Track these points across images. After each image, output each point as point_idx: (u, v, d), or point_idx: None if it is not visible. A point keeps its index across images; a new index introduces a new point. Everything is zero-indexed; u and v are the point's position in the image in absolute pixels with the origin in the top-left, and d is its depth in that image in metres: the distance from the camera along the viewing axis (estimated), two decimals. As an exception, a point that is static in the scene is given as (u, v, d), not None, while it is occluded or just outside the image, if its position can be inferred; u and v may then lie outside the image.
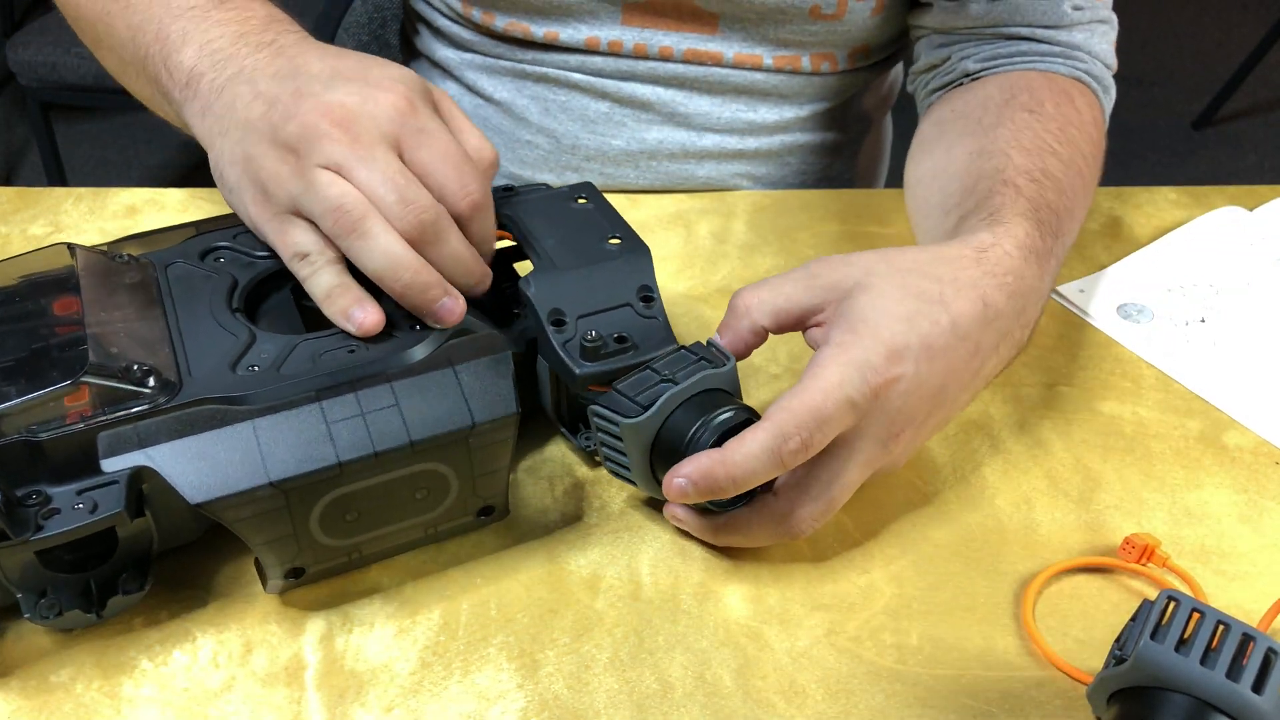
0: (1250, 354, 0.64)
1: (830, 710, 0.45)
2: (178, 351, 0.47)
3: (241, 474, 0.43)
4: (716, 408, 0.48)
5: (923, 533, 0.53)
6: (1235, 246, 0.72)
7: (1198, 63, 2.76)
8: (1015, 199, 0.56)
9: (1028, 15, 0.69)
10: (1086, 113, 0.65)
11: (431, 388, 0.46)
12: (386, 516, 0.47)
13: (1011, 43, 0.69)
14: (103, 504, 0.42)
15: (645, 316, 0.52)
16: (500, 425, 0.46)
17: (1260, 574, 0.51)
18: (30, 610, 0.44)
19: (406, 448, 0.45)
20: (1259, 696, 0.38)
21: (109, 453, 0.43)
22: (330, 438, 0.44)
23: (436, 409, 0.45)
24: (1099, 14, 0.70)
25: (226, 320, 0.49)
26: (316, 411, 0.45)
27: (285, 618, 0.48)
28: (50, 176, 2.02)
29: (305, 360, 0.46)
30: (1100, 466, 0.57)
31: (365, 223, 0.46)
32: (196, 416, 0.44)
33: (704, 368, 0.49)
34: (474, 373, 0.47)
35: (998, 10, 0.69)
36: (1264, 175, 2.39)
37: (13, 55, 1.82)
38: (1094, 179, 0.64)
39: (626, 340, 0.51)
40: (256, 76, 0.50)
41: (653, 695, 0.46)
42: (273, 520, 0.44)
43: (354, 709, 0.45)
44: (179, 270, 0.51)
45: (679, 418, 0.48)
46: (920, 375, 0.47)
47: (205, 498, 0.43)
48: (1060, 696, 0.46)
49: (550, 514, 0.53)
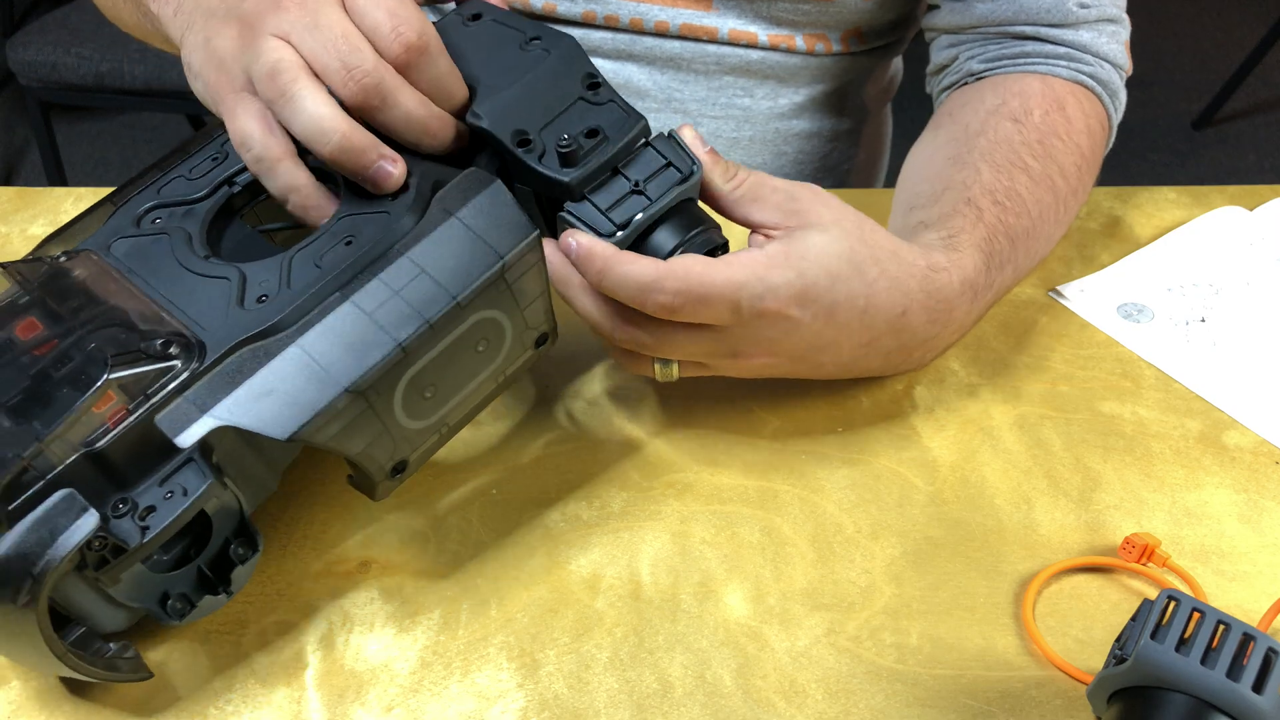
0: (1250, 354, 0.64)
1: (830, 710, 0.45)
2: (177, 316, 0.45)
3: (314, 394, 0.42)
4: (690, 228, 0.50)
5: (923, 533, 0.53)
6: (1235, 246, 0.72)
7: (1198, 63, 2.76)
8: (975, 225, 0.58)
9: (1032, 14, 0.69)
10: (1079, 120, 0.66)
11: (446, 242, 0.45)
12: (460, 380, 0.47)
13: (1017, 43, 0.69)
14: (190, 484, 0.42)
15: (600, 103, 0.51)
16: (527, 250, 0.46)
17: (1260, 574, 0.51)
18: (162, 616, 0.45)
19: (453, 307, 0.44)
20: (1259, 696, 0.38)
21: (175, 430, 0.42)
22: (379, 325, 0.44)
23: (462, 260, 0.45)
24: (1107, 12, 0.69)
25: (204, 268, 0.47)
26: (352, 309, 0.44)
27: (285, 617, 0.48)
28: (50, 176, 2.02)
29: (309, 269, 0.46)
30: (1100, 466, 0.57)
31: (293, 86, 0.46)
32: (239, 363, 0.43)
33: (674, 178, 0.50)
34: (477, 212, 0.46)
35: (1002, 9, 0.69)
36: (1264, 175, 2.38)
37: (13, 55, 1.82)
38: (1075, 189, 0.64)
39: (597, 132, 0.50)
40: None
41: (653, 695, 0.46)
42: (362, 425, 0.44)
43: (354, 709, 0.45)
44: (124, 246, 0.49)
45: (654, 237, 0.50)
46: (807, 327, 0.50)
47: (292, 429, 0.42)
48: (1060, 696, 0.46)
49: (550, 514, 0.53)
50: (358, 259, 0.45)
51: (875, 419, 0.59)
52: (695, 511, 0.53)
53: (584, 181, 0.49)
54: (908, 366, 0.59)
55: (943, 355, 0.62)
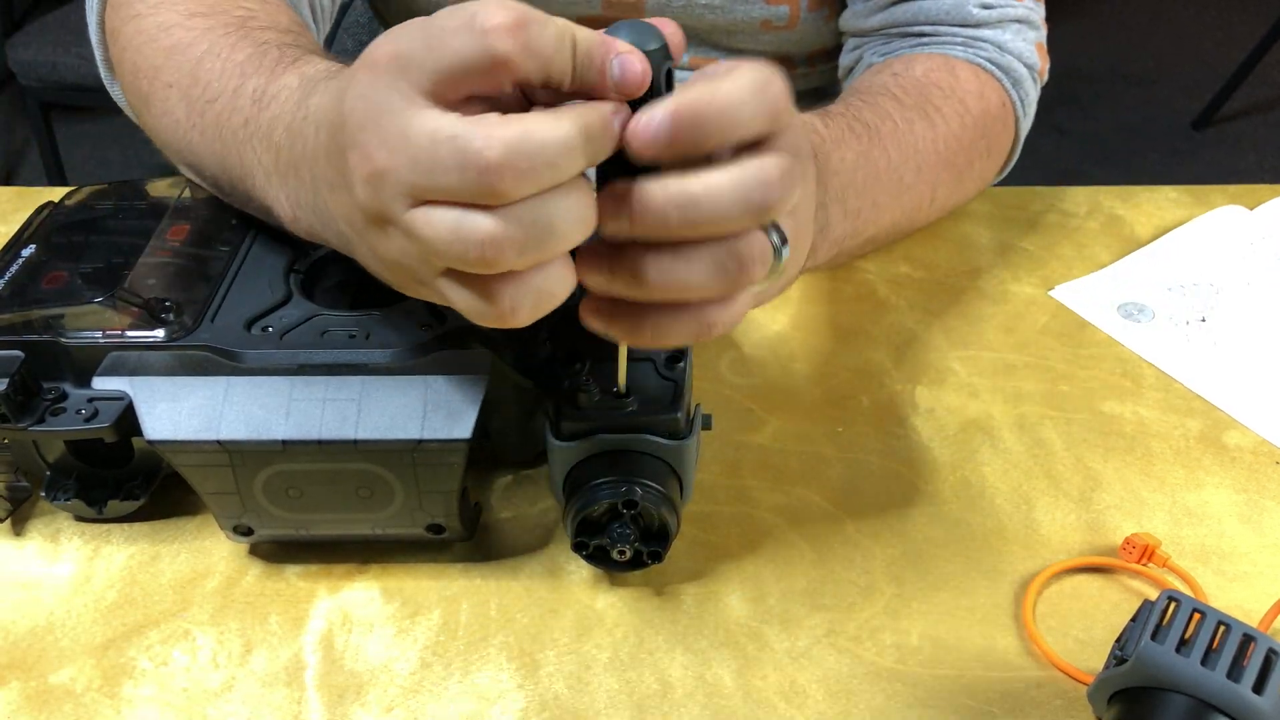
0: (1250, 354, 0.64)
1: (830, 710, 0.45)
2: (218, 296, 0.49)
3: (198, 424, 0.45)
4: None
5: (923, 533, 0.53)
6: (1236, 246, 0.72)
7: (1198, 63, 2.76)
8: (824, 112, 0.56)
9: (932, 14, 0.67)
10: (970, 84, 0.64)
11: (397, 392, 0.45)
12: (331, 505, 0.47)
13: (917, 37, 0.68)
14: (103, 414, 0.46)
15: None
16: (449, 448, 0.45)
17: (1260, 574, 0.51)
18: (46, 489, 0.50)
19: (350, 444, 0.44)
20: (1259, 697, 0.38)
21: (105, 371, 0.47)
22: (286, 414, 0.45)
23: (392, 414, 0.45)
24: (1011, 13, 0.67)
25: (276, 279, 0.50)
26: (286, 386, 0.45)
27: (285, 618, 0.48)
28: (50, 176, 2.02)
29: (311, 334, 0.47)
30: (1100, 466, 0.57)
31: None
32: (191, 360, 0.46)
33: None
34: (442, 388, 0.45)
35: (902, 12, 0.68)
36: (1264, 175, 2.38)
37: (13, 55, 1.82)
38: (959, 136, 0.61)
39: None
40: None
41: (653, 695, 0.46)
42: (218, 475, 0.46)
43: (354, 709, 0.45)
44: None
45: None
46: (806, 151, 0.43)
47: (158, 437, 0.45)
48: (1060, 696, 0.46)
49: (551, 513, 0.53)
50: (341, 355, 0.46)
51: (875, 419, 0.59)
52: (695, 511, 0.53)
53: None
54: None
55: (943, 356, 0.62)
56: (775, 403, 0.60)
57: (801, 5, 0.74)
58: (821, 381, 0.61)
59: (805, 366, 0.63)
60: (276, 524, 0.48)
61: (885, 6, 0.69)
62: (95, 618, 0.49)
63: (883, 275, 0.70)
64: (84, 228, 0.53)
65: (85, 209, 0.55)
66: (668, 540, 0.47)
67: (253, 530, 0.48)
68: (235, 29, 0.52)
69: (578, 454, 0.46)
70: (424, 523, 0.48)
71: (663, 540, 0.47)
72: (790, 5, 0.74)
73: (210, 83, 0.50)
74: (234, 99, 0.48)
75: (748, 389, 0.60)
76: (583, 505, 0.46)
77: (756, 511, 0.54)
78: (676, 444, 0.46)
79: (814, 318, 0.66)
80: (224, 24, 0.52)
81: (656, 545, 0.47)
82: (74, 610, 0.49)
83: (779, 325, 0.66)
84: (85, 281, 0.49)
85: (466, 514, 0.49)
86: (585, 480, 0.46)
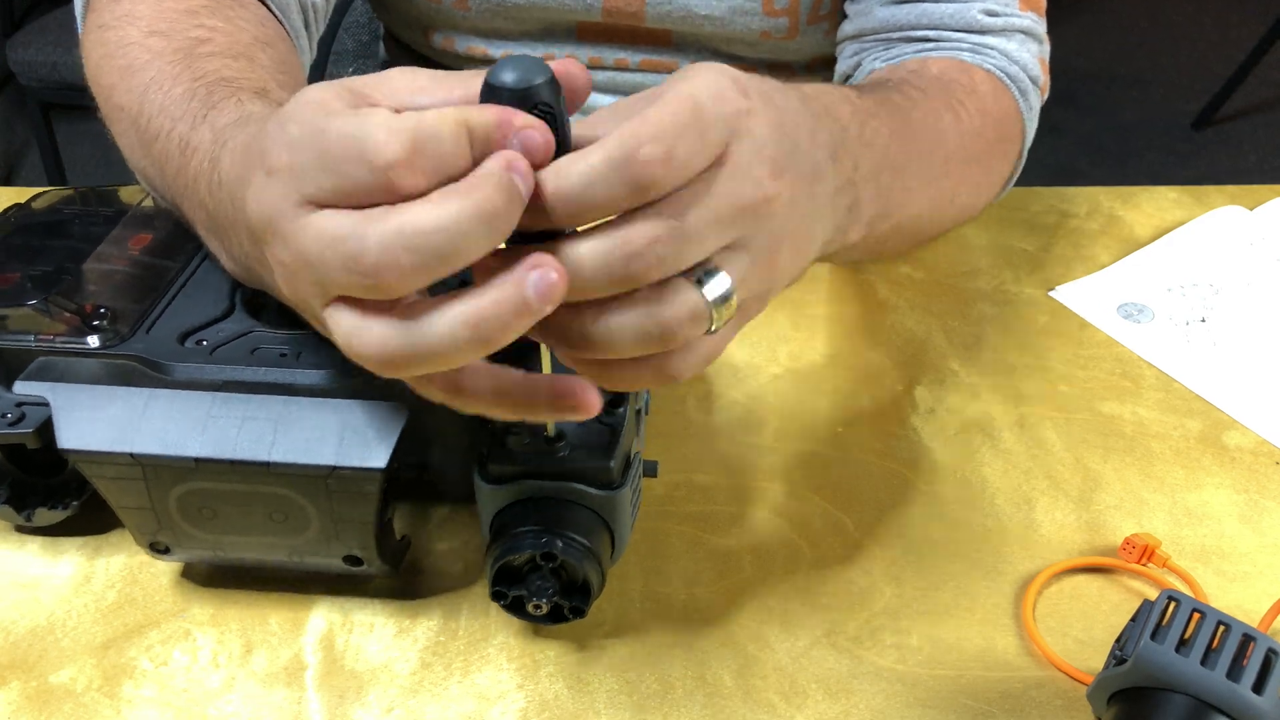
0: (1250, 354, 0.64)
1: (830, 710, 0.45)
2: (160, 305, 0.48)
3: (113, 435, 0.44)
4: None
5: (923, 533, 0.53)
6: (1235, 246, 0.72)
7: (1198, 63, 2.76)
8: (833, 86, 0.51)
9: (935, 19, 0.66)
10: (984, 86, 0.62)
11: (316, 415, 0.44)
12: (247, 527, 0.46)
13: (920, 42, 0.67)
14: (29, 419, 0.46)
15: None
16: (364, 477, 0.43)
17: (1260, 574, 0.51)
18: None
19: (262, 466, 0.43)
20: (1259, 697, 0.38)
21: (30, 376, 0.46)
22: (203, 430, 0.44)
23: (307, 438, 0.43)
24: (1016, 23, 0.66)
25: (223, 292, 0.49)
26: (207, 402, 0.44)
27: (285, 618, 0.48)
28: (50, 176, 2.02)
29: (242, 351, 0.46)
30: (1100, 466, 0.57)
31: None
32: (118, 370, 0.46)
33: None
34: (361, 415, 0.44)
35: (904, 14, 0.67)
36: (1264, 175, 2.38)
37: (13, 55, 1.82)
38: (980, 131, 0.60)
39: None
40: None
41: (653, 695, 0.46)
42: (131, 489, 0.45)
43: (354, 709, 0.45)
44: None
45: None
46: (778, 138, 0.36)
47: (71, 446, 0.44)
48: (1060, 696, 0.46)
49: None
50: (268, 374, 0.45)
51: (875, 419, 0.59)
52: (695, 511, 0.53)
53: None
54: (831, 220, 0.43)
55: (943, 356, 0.62)
56: (775, 403, 0.60)
57: (801, 17, 0.74)
58: (822, 382, 0.61)
59: (806, 367, 0.63)
60: (193, 544, 0.47)
61: (888, 4, 0.68)
62: (95, 618, 0.49)
63: (883, 275, 0.70)
64: (45, 231, 0.53)
65: (52, 212, 0.55)
66: (589, 597, 0.45)
67: (170, 549, 0.47)
68: (181, 58, 0.50)
69: (505, 498, 0.44)
70: (341, 553, 0.46)
71: (585, 596, 0.45)
72: (790, 17, 0.74)
73: (152, 118, 0.49)
74: (168, 143, 0.47)
75: (747, 389, 0.60)
76: (503, 553, 0.43)
77: (756, 512, 0.54)
78: (608, 494, 0.44)
79: (814, 318, 0.67)
80: (174, 49, 0.51)
81: (579, 600, 0.45)
82: (74, 610, 0.49)
83: (779, 325, 0.66)
84: (33, 284, 0.48)
85: (389, 547, 0.47)
86: (509, 527, 0.44)
